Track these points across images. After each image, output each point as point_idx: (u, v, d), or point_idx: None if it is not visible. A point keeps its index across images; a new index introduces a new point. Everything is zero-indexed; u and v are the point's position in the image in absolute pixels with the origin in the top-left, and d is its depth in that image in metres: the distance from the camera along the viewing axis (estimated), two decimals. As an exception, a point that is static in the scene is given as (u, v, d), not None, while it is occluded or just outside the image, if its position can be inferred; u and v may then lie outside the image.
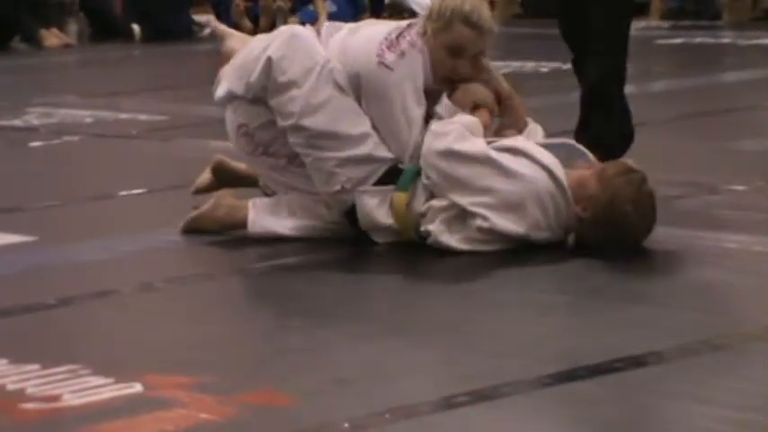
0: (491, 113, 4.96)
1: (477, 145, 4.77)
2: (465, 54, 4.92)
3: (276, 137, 5.01)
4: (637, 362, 3.58)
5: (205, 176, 5.58)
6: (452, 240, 4.78)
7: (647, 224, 4.73)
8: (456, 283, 4.55)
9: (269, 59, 4.91)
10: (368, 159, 4.85)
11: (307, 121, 4.86)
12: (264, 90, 4.94)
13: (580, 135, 5.53)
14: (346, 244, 4.96)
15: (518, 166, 4.73)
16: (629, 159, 5.05)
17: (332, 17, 10.85)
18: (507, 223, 4.71)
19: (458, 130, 4.79)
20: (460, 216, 4.78)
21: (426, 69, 4.88)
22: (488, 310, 4.24)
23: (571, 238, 4.78)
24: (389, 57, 4.84)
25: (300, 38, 4.95)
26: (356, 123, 4.86)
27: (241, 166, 5.47)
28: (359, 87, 4.87)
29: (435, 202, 4.82)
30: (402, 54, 4.86)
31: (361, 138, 4.85)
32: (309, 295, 4.47)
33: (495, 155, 4.74)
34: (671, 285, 4.45)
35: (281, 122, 4.93)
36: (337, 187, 4.88)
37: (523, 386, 3.45)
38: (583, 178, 4.76)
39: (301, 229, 5.03)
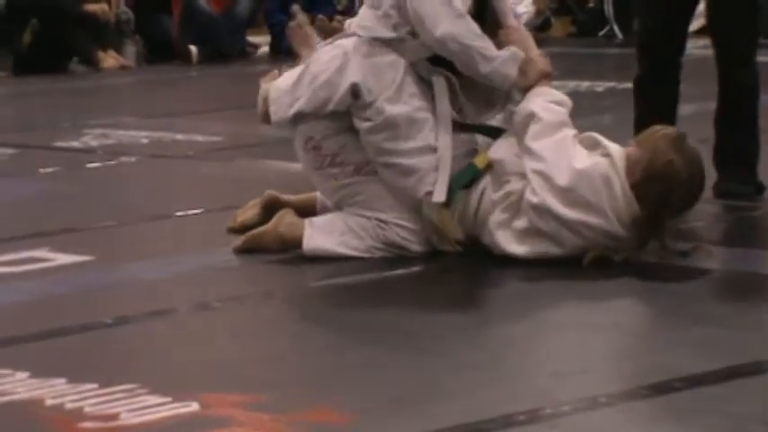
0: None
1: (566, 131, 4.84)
2: None
3: (344, 146, 5.03)
4: (697, 380, 3.54)
5: (251, 212, 5.54)
6: (509, 235, 4.77)
7: (694, 172, 4.71)
8: (516, 302, 4.52)
9: (354, 85, 4.90)
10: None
11: (391, 110, 4.89)
12: (345, 108, 4.95)
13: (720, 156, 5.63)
14: (403, 262, 4.94)
15: (581, 159, 4.76)
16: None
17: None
18: (554, 200, 4.71)
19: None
20: (516, 203, 4.78)
21: None
22: (548, 329, 4.21)
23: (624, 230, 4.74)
24: None
25: (375, 56, 4.94)
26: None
27: (293, 199, 5.45)
28: None
29: (494, 195, 4.83)
30: None
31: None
32: (367, 314, 4.45)
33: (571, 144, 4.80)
34: (732, 306, 4.41)
35: (364, 124, 4.93)
36: (428, 188, 4.91)
37: (583, 405, 3.42)
38: (629, 152, 4.77)
39: (356, 248, 5.02)
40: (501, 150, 4.91)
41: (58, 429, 3.44)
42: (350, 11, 13.16)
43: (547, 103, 4.90)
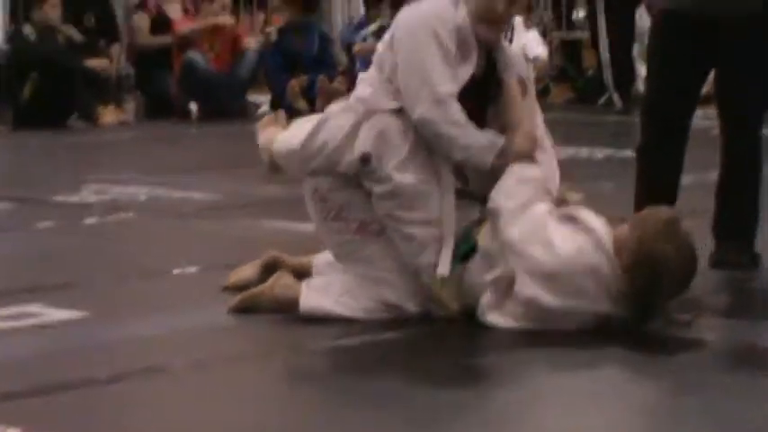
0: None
1: (535, 209, 4.82)
2: None
3: (349, 201, 5.04)
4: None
5: (250, 272, 5.53)
6: (500, 317, 4.78)
7: (684, 260, 4.68)
8: (512, 369, 4.52)
9: (364, 154, 4.92)
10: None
11: (401, 179, 4.91)
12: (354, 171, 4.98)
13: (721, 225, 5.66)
14: (399, 324, 4.94)
15: (562, 238, 4.73)
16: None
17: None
18: (541, 292, 4.70)
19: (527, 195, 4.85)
20: (507, 289, 4.77)
21: (458, 14, 4.97)
22: (544, 397, 4.20)
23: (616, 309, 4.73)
24: None
25: (384, 123, 4.96)
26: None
27: (294, 261, 5.45)
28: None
29: (488, 275, 4.83)
30: None
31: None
32: (361, 378, 4.44)
33: (546, 222, 4.78)
34: (730, 376, 4.40)
35: (375, 189, 4.95)
36: (430, 259, 4.93)
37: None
38: (618, 233, 4.76)
39: (353, 308, 5.02)
40: (488, 236, 4.91)
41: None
42: (350, 72, 13.21)
43: (513, 185, 4.89)
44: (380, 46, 5.13)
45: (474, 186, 5.07)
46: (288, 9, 13.58)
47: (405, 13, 5.11)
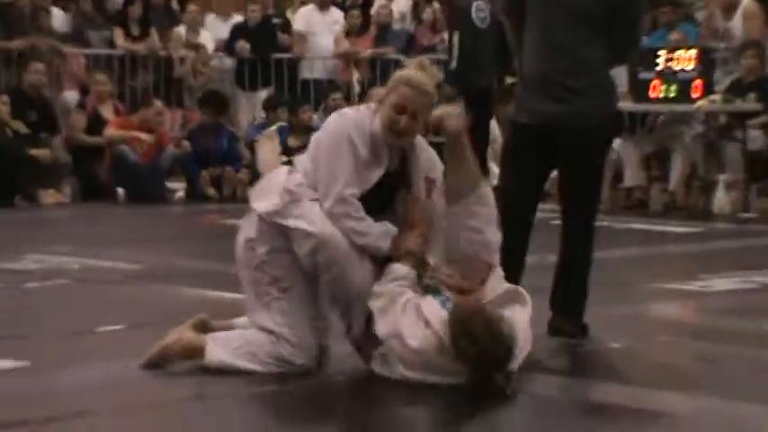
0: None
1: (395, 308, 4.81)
2: (407, 110, 4.96)
3: (272, 258, 4.98)
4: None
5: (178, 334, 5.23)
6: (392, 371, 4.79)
7: (491, 338, 4.62)
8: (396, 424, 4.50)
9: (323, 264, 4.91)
10: None
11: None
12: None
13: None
14: (294, 377, 4.92)
15: (411, 334, 4.73)
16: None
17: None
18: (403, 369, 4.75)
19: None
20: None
21: (374, 124, 4.98)
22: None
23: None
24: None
25: (336, 248, 4.91)
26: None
27: (221, 323, 5.32)
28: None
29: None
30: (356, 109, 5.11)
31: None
32: (267, 419, 4.41)
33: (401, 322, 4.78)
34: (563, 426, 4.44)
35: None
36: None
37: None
38: (448, 319, 4.73)
39: (251, 361, 4.97)
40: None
41: None
42: (253, 165, 13.20)
43: (386, 285, 4.88)
44: (313, 141, 5.13)
45: None
46: (202, 111, 13.57)
47: (332, 118, 5.12)
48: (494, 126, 13.29)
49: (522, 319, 4.90)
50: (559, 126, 5.67)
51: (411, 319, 4.77)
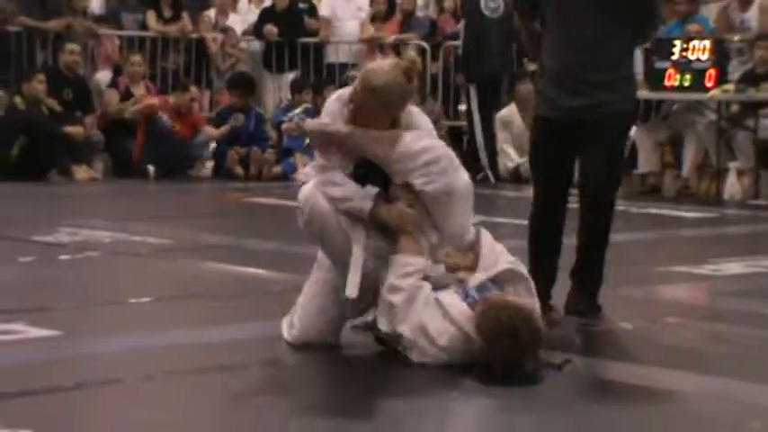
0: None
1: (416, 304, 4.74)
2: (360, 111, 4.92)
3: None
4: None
5: None
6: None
7: (526, 330, 4.55)
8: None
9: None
10: None
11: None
12: None
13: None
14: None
15: (436, 331, 4.66)
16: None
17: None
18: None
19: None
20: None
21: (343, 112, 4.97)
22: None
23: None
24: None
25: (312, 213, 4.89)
26: None
27: None
28: None
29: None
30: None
31: None
32: (290, 389, 4.41)
33: (423, 316, 4.70)
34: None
35: None
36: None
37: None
38: (473, 314, 4.67)
39: (284, 333, 5.01)
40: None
41: (23, 473, 3.38)
42: (279, 145, 13.21)
43: (400, 278, 4.78)
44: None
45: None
46: (231, 92, 13.57)
47: (330, 99, 5.12)
48: (513, 110, 13.25)
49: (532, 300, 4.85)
50: (581, 118, 5.65)
51: (435, 315, 4.69)
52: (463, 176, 4.94)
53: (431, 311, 4.70)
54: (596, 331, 5.56)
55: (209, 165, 13.29)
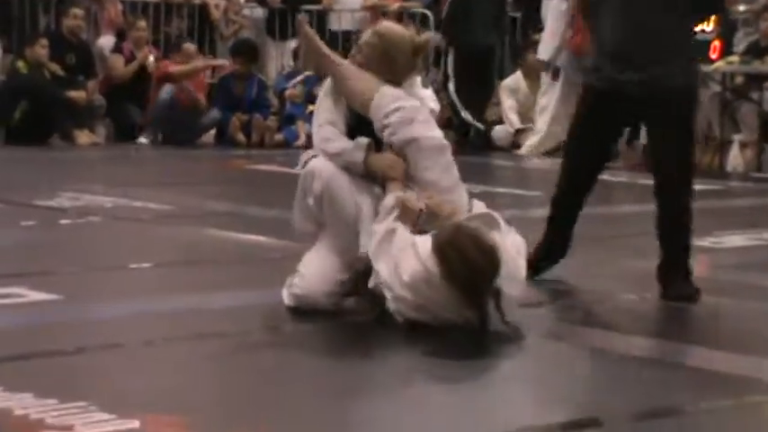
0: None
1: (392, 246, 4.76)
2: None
3: None
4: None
5: None
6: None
7: (475, 250, 4.57)
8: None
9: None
10: None
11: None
12: None
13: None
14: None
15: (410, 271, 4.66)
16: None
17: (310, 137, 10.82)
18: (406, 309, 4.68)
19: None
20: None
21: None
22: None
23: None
24: None
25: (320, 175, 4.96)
26: None
27: None
28: None
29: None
30: None
31: None
32: (289, 355, 4.43)
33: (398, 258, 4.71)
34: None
35: None
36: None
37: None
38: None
39: (285, 297, 5.02)
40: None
41: (23, 435, 3.39)
42: (281, 112, 13.19)
43: (381, 221, 4.82)
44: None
45: None
46: (234, 59, 13.53)
47: None
48: (519, 77, 13.24)
49: (508, 245, 4.77)
50: (642, 94, 5.47)
51: (409, 255, 4.70)
52: (433, 131, 5.01)
53: (406, 253, 4.71)
54: (600, 304, 5.56)
55: (212, 132, 13.28)
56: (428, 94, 5.31)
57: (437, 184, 4.94)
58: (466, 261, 4.56)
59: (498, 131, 13.14)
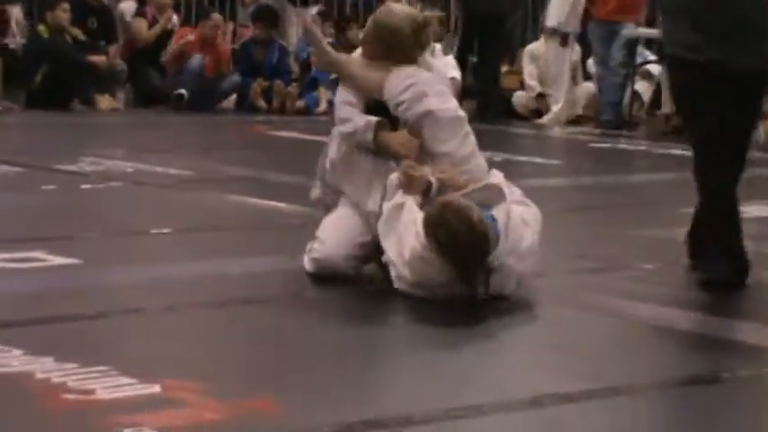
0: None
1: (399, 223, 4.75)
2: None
3: None
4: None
5: None
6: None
7: (460, 226, 4.53)
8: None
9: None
10: None
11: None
12: None
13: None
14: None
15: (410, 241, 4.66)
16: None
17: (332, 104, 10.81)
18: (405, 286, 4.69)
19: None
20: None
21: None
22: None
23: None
24: None
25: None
26: None
27: None
28: None
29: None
30: None
31: None
32: (308, 322, 4.45)
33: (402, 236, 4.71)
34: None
35: None
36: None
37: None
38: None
39: (305, 262, 5.03)
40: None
41: (45, 398, 3.41)
42: (302, 79, 13.18)
43: (390, 199, 4.82)
44: None
45: None
46: (255, 25, 13.51)
47: None
48: (540, 44, 13.17)
49: (514, 216, 4.73)
50: (741, 69, 5.00)
51: (410, 232, 4.70)
52: (447, 103, 4.99)
53: (409, 230, 4.71)
54: (617, 272, 5.56)
55: (232, 97, 13.27)
56: (449, 60, 5.28)
57: (453, 155, 4.93)
58: (452, 237, 4.54)
59: (519, 98, 13.11)
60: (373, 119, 4.96)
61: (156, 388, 3.50)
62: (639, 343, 4.38)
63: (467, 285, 4.61)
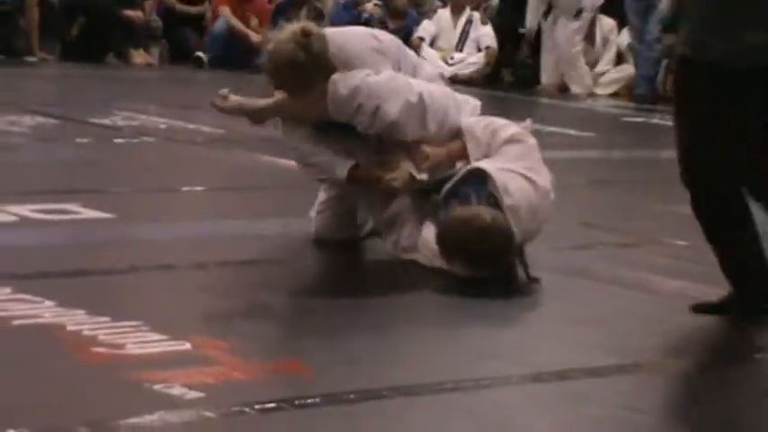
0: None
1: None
2: None
3: None
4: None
5: None
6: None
7: (461, 245, 4.47)
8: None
9: None
10: None
11: None
12: None
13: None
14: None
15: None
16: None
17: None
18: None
19: None
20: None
21: None
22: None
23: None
24: None
25: None
26: None
27: None
28: None
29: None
30: None
31: None
32: (340, 284, 4.44)
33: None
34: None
35: None
36: None
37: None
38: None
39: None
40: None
41: (75, 350, 3.42)
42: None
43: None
44: None
45: None
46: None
47: None
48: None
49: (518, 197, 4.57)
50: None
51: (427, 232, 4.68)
52: (397, 102, 4.64)
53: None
54: (646, 248, 5.53)
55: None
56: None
57: (425, 138, 4.74)
58: (470, 255, 4.46)
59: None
60: (341, 162, 4.78)
61: (187, 345, 3.51)
62: (669, 319, 4.35)
63: (508, 277, 4.56)
